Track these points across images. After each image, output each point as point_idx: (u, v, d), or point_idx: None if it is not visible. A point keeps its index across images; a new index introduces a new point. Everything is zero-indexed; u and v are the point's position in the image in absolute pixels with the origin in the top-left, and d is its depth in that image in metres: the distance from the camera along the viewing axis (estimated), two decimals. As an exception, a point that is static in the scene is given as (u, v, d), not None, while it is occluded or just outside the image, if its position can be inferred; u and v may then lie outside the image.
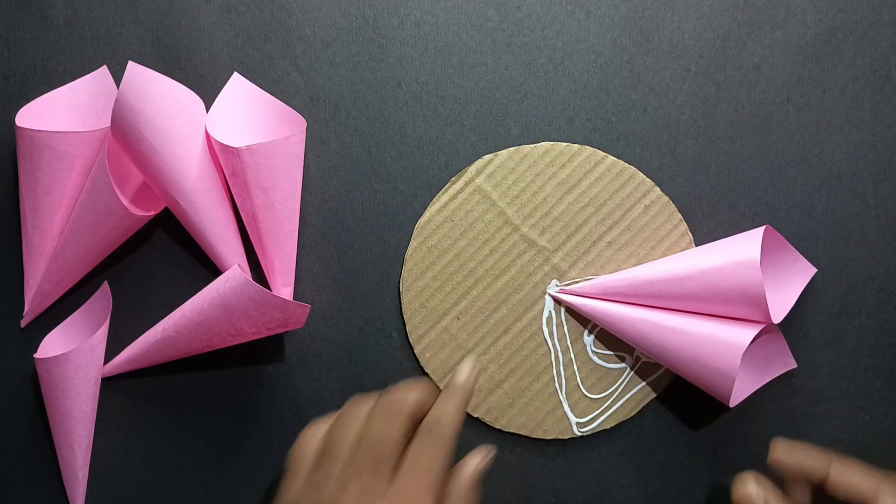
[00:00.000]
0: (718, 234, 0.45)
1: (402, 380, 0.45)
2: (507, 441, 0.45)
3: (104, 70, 0.45)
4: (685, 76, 0.46)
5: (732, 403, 0.42)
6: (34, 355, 0.43)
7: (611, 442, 0.45)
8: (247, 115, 0.45)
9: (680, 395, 0.45)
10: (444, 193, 0.46)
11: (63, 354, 0.42)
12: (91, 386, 0.44)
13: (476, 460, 0.36)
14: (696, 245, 0.45)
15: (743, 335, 0.41)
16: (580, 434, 0.45)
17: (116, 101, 0.40)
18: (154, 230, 0.46)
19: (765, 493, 0.37)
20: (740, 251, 0.41)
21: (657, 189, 0.45)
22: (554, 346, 0.45)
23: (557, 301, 0.45)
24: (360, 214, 0.46)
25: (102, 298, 0.44)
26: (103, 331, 0.44)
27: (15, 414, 0.46)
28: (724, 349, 0.41)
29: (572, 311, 0.45)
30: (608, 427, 0.45)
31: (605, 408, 0.45)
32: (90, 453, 0.45)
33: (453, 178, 0.46)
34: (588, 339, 0.45)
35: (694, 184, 0.46)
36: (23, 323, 0.46)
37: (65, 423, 0.43)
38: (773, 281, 0.44)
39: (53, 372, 0.42)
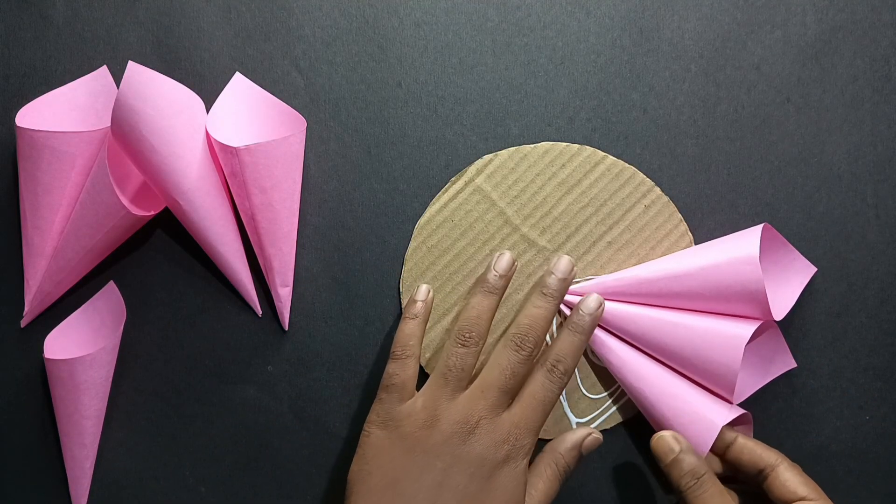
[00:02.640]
0: (718, 234, 0.45)
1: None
2: (507, 441, 0.45)
3: (104, 70, 0.45)
4: (685, 76, 0.46)
5: (736, 400, 0.42)
6: (46, 356, 0.43)
7: (611, 442, 0.45)
8: (247, 114, 0.45)
9: (680, 395, 0.45)
10: (444, 193, 0.46)
11: (87, 356, 0.42)
12: (104, 385, 0.44)
13: (582, 434, 0.41)
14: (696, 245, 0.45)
15: (744, 329, 0.41)
16: (580, 434, 0.45)
17: (116, 101, 0.40)
18: (154, 230, 0.46)
19: (682, 444, 0.40)
20: (739, 248, 0.41)
21: (657, 189, 0.45)
22: (554, 346, 0.45)
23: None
24: (360, 214, 0.46)
25: (109, 298, 0.44)
26: (119, 331, 0.44)
27: (15, 413, 0.46)
28: (725, 343, 0.41)
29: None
30: (608, 427, 0.45)
31: (605, 408, 0.45)
32: (96, 452, 0.45)
33: (453, 178, 0.46)
34: (588, 339, 0.45)
35: (694, 184, 0.46)
36: (23, 323, 0.46)
37: (80, 423, 0.44)
38: (773, 280, 0.44)
39: (74, 373, 0.42)
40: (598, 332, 0.44)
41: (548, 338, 0.45)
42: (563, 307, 0.45)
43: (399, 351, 0.41)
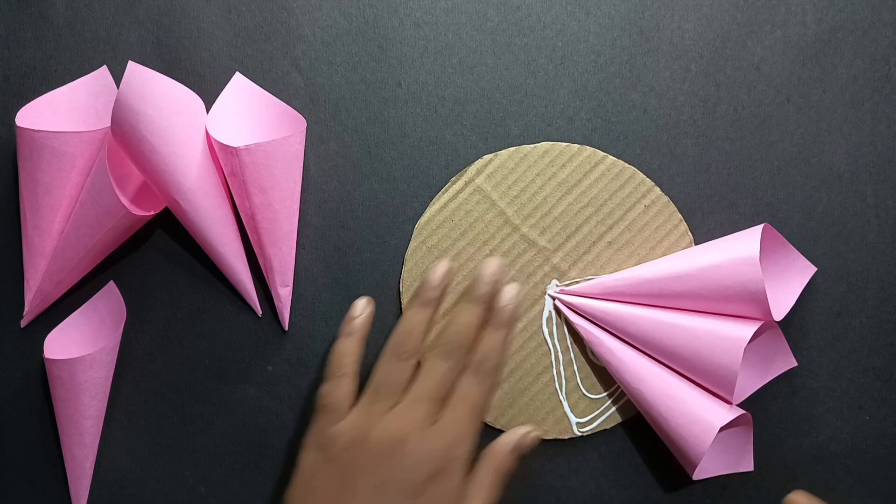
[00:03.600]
0: (718, 234, 0.45)
1: (402, 380, 0.45)
2: (507, 441, 0.45)
3: (104, 70, 0.45)
4: (685, 76, 0.46)
5: (735, 401, 0.42)
6: (46, 356, 0.43)
7: (611, 442, 0.45)
8: (248, 114, 0.45)
9: (680, 395, 0.45)
10: (444, 193, 0.46)
11: (87, 356, 0.42)
12: (104, 385, 0.44)
13: (520, 434, 0.40)
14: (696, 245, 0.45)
15: (744, 330, 0.41)
16: (580, 434, 0.45)
17: (116, 101, 0.40)
18: (154, 230, 0.46)
19: None
20: (739, 248, 0.41)
21: (657, 189, 0.45)
22: (554, 346, 0.45)
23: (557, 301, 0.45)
24: (360, 214, 0.46)
25: (109, 298, 0.44)
26: (120, 331, 0.44)
27: (15, 413, 0.46)
28: (725, 345, 0.41)
29: (572, 311, 0.45)
30: (608, 427, 0.45)
31: (605, 408, 0.45)
32: (96, 452, 0.45)
33: (453, 178, 0.46)
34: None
35: (694, 184, 0.46)
36: (23, 323, 0.46)
37: (80, 423, 0.44)
38: (773, 279, 0.44)
39: (74, 373, 0.42)
40: (598, 332, 0.44)
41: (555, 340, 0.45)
42: (563, 308, 0.45)
43: (333, 370, 0.40)
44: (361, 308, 0.42)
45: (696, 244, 0.45)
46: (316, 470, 0.38)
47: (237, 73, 0.45)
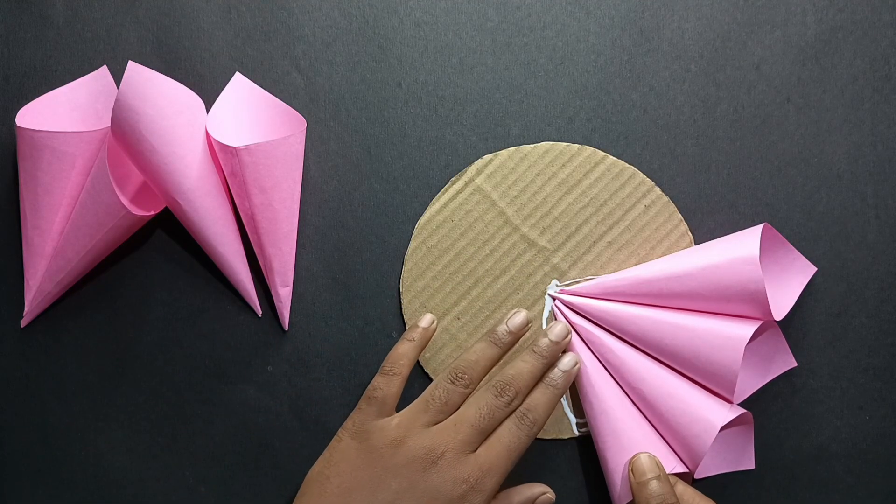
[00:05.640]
0: (718, 234, 0.45)
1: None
2: (507, 441, 0.45)
3: (104, 70, 0.45)
4: (685, 76, 0.46)
5: (736, 401, 0.42)
6: None
7: (611, 442, 0.45)
8: (248, 114, 0.45)
9: (680, 395, 0.45)
10: (444, 193, 0.46)
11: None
12: None
13: (539, 490, 0.42)
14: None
15: (744, 329, 0.41)
16: (580, 434, 0.45)
17: (116, 101, 0.40)
18: (154, 230, 0.46)
19: (658, 466, 0.41)
20: (739, 248, 0.41)
21: (657, 189, 0.45)
22: (554, 346, 0.45)
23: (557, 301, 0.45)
24: (360, 214, 0.46)
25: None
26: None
27: (15, 414, 0.46)
28: (726, 344, 0.41)
29: (572, 311, 0.45)
30: (608, 427, 0.45)
31: (605, 408, 0.45)
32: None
33: (453, 178, 0.46)
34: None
35: (694, 184, 0.46)
36: (23, 323, 0.46)
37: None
38: (774, 279, 0.44)
39: None
40: (599, 332, 0.44)
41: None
42: (563, 308, 0.45)
43: (388, 367, 0.42)
44: (428, 321, 0.44)
45: (696, 244, 0.45)
46: (349, 456, 0.40)
47: (237, 73, 0.45)
